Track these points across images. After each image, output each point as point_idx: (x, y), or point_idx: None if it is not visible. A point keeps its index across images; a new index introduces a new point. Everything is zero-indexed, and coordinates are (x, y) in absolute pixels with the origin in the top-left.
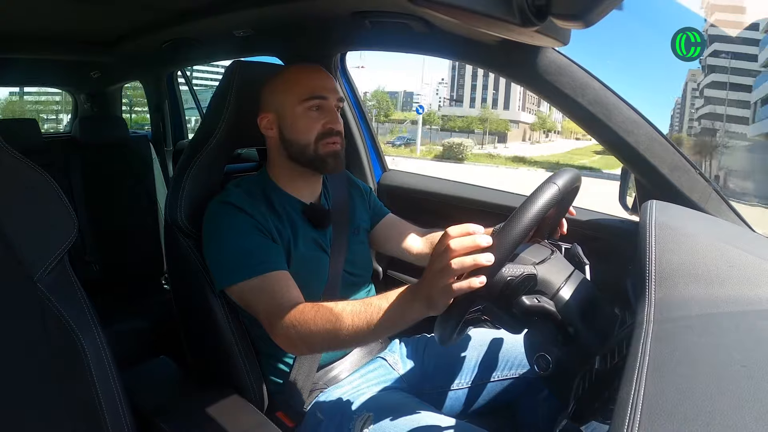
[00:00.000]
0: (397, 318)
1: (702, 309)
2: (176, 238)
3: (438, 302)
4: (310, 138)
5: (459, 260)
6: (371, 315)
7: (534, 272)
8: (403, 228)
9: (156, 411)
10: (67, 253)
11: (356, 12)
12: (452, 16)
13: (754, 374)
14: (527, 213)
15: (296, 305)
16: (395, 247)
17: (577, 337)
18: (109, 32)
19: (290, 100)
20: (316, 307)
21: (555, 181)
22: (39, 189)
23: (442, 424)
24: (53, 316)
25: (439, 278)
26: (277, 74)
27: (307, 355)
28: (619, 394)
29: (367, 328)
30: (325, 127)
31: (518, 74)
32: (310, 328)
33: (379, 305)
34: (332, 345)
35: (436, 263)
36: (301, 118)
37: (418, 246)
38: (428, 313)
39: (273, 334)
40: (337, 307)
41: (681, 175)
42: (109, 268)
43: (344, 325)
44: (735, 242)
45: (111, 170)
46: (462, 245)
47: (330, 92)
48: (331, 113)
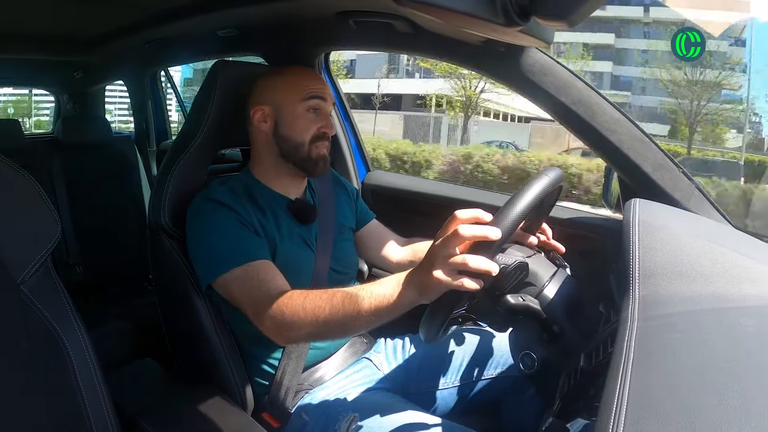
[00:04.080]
0: (389, 303)
1: (685, 306)
2: (160, 239)
3: (432, 288)
4: (306, 138)
5: (462, 257)
6: (362, 299)
7: (526, 261)
8: (385, 235)
9: (141, 413)
10: (50, 255)
11: (340, 12)
12: (436, 16)
13: (737, 370)
14: (524, 198)
15: (284, 292)
16: (375, 255)
17: (561, 336)
18: (92, 32)
19: (291, 97)
20: (304, 294)
21: (547, 174)
22: (21, 190)
23: (428, 423)
24: (37, 319)
25: (440, 264)
26: (276, 71)
27: (293, 344)
28: (604, 391)
29: (357, 314)
30: (321, 131)
31: (502, 74)
32: (298, 314)
33: (371, 290)
34: (321, 333)
35: (440, 249)
36: (300, 118)
37: (399, 255)
38: (419, 301)
39: (260, 324)
40: (327, 293)
41: (664, 174)
42: (92, 270)
43: (334, 311)
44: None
45: (94, 171)
46: (472, 234)
47: (328, 96)
48: (327, 118)
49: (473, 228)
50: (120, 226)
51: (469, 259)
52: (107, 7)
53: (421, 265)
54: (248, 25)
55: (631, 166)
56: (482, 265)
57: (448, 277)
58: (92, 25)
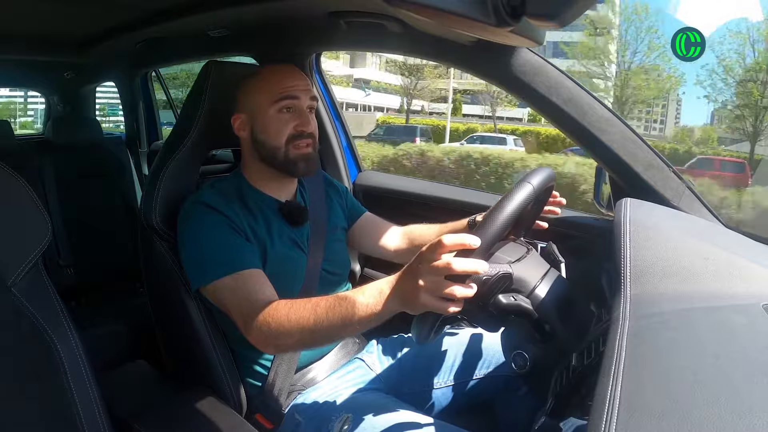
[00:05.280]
0: (372, 313)
1: (676, 304)
2: (151, 240)
3: (416, 306)
4: (281, 141)
5: (446, 260)
6: (346, 309)
7: (509, 271)
8: (380, 226)
9: (133, 415)
10: (41, 257)
11: (331, 12)
12: (427, 17)
13: (728, 368)
14: (501, 215)
15: (269, 303)
16: (373, 245)
17: (553, 335)
18: (83, 32)
19: (262, 102)
20: (289, 304)
21: (530, 181)
22: (11, 192)
23: (421, 423)
24: (28, 321)
25: (426, 290)
26: (250, 75)
27: (283, 354)
28: (597, 390)
29: (341, 323)
30: (297, 129)
31: (494, 74)
32: (283, 326)
33: (354, 299)
34: (307, 342)
35: (426, 275)
36: (273, 121)
37: (396, 243)
38: (403, 310)
39: (247, 334)
40: (311, 302)
41: (655, 174)
42: (83, 272)
43: (319, 321)
44: (708, 238)
45: (85, 172)
46: (462, 269)
47: (302, 92)
48: (302, 115)
49: (456, 236)
50: (111, 227)
51: (453, 261)
52: (98, 7)
53: (406, 273)
54: (239, 25)
55: (622, 166)
56: (467, 267)
57: (432, 300)
58: (83, 25)
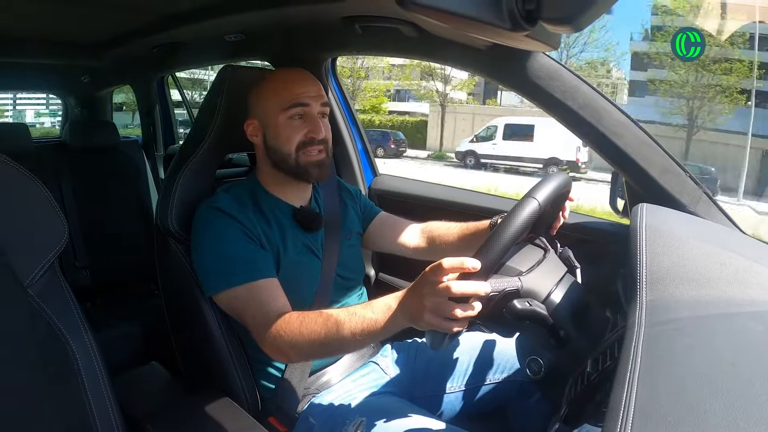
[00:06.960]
0: (380, 328)
1: (693, 311)
2: (167, 243)
3: (421, 324)
4: (291, 148)
5: (446, 283)
6: (355, 324)
7: (516, 287)
8: (397, 224)
9: (147, 417)
10: (57, 258)
11: (346, 17)
12: (442, 21)
13: (745, 375)
14: (502, 237)
15: (282, 314)
16: (391, 243)
17: (568, 341)
18: (100, 36)
19: (273, 109)
20: (301, 317)
21: (535, 196)
22: (29, 194)
23: (434, 428)
24: (44, 322)
25: (429, 310)
26: (263, 80)
27: (297, 362)
28: (611, 396)
29: (351, 337)
30: (307, 137)
31: (509, 78)
32: (296, 338)
33: (363, 315)
34: (319, 353)
35: (429, 296)
36: (283, 127)
37: (415, 240)
38: (410, 325)
39: (261, 345)
40: (322, 316)
41: (671, 179)
42: (99, 274)
43: (329, 334)
44: (725, 244)
45: (101, 175)
46: (461, 292)
47: (312, 98)
48: (313, 121)
49: (455, 260)
50: (127, 230)
51: (453, 284)
52: (115, 11)
53: (411, 291)
54: (255, 30)
55: (638, 171)
56: (467, 290)
57: (436, 320)
58: (100, 29)
